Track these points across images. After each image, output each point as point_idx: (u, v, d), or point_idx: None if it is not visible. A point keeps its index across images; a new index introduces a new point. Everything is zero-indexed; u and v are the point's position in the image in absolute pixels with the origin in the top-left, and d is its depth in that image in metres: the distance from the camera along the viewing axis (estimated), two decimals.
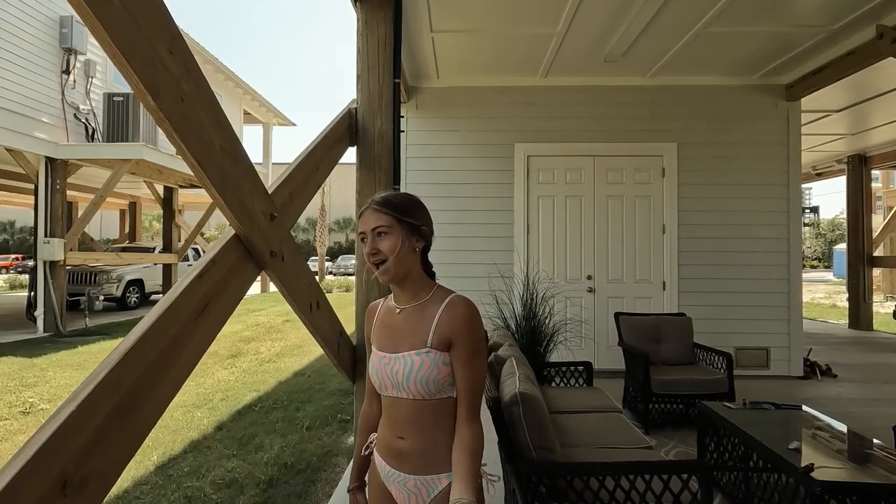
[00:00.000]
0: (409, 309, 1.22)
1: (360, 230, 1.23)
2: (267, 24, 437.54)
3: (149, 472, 3.06)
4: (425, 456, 1.18)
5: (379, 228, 1.18)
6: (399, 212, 1.19)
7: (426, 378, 1.14)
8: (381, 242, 1.17)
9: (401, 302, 1.24)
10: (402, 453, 1.19)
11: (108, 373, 1.10)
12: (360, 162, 3.01)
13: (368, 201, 1.23)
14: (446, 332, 1.15)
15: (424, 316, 1.19)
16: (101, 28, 1.06)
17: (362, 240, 1.21)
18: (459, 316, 1.16)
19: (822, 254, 32.01)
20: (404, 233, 1.18)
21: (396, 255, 1.17)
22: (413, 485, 1.18)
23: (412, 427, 1.18)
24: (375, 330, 1.30)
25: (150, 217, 25.51)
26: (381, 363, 1.21)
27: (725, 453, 2.60)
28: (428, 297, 1.22)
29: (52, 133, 8.11)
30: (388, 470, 1.22)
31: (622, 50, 4.27)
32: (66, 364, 5.90)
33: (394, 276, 1.19)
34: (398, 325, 1.22)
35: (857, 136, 7.21)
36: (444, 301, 1.19)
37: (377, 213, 1.19)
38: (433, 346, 1.15)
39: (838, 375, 5.03)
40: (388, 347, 1.22)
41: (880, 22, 3.69)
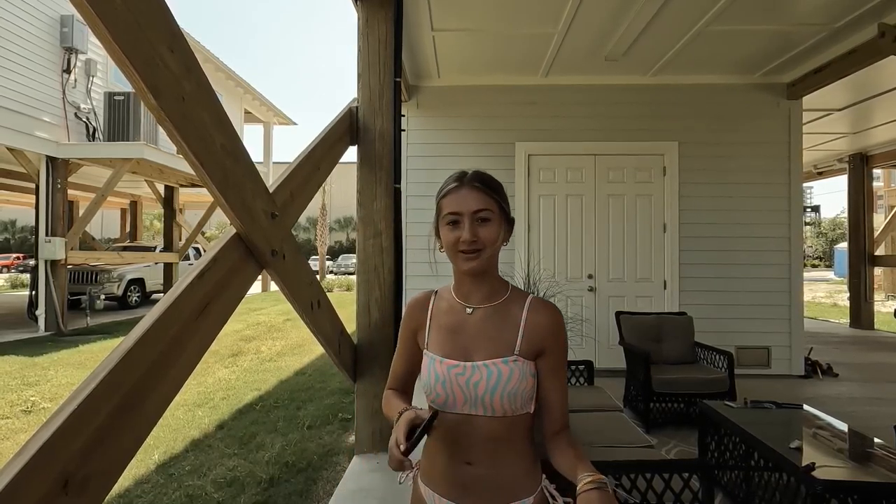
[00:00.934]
0: (486, 309, 1.04)
1: (451, 210, 1.01)
2: (268, 23, 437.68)
3: (150, 470, 3.06)
4: (500, 483, 0.99)
5: (482, 213, 1.00)
6: (500, 195, 1.04)
7: (514, 391, 0.97)
8: (483, 229, 1.00)
9: (472, 300, 1.05)
10: (470, 482, 0.99)
11: (109, 372, 1.11)
12: (360, 161, 3.01)
13: (461, 177, 1.04)
14: (537, 338, 1.01)
15: (507, 318, 1.03)
16: (102, 27, 1.06)
17: (452, 223, 1.01)
18: (552, 321, 1.02)
19: (823, 253, 31.98)
20: (503, 220, 1.04)
21: (494, 245, 1.01)
22: None
23: (485, 450, 0.99)
24: (433, 332, 1.07)
25: (151, 216, 25.53)
26: (452, 373, 1.00)
27: (726, 452, 2.60)
28: (507, 297, 1.05)
29: (53, 132, 8.11)
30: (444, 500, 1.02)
31: (623, 49, 4.27)
32: (67, 363, 5.90)
33: (480, 269, 1.02)
34: (471, 326, 1.03)
35: (858, 134, 7.20)
36: (526, 302, 1.04)
37: (479, 194, 1.01)
38: (521, 353, 1.00)
39: (839, 375, 5.02)
40: (456, 354, 1.02)
41: (882, 20, 3.68)
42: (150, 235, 23.75)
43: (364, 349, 3.00)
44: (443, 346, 1.04)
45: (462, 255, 1.00)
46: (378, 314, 3.00)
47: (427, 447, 1.07)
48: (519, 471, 1.01)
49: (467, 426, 1.00)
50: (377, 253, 3.00)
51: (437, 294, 1.13)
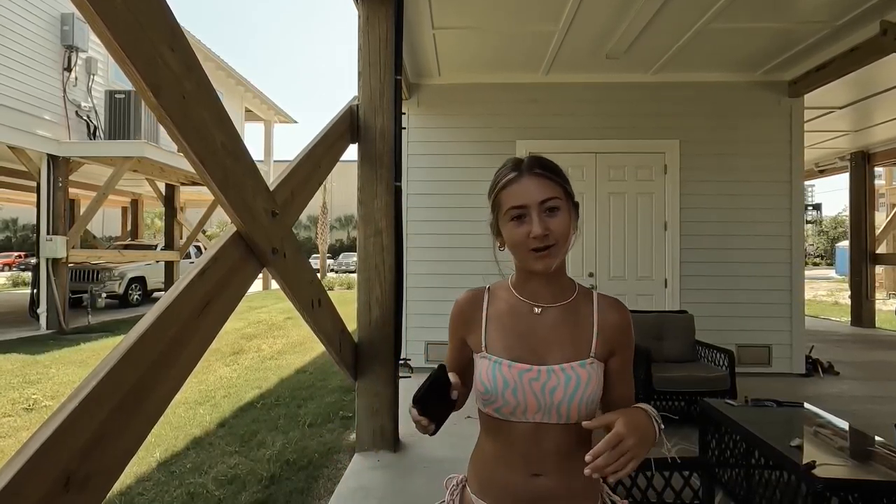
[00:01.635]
0: (557, 309, 0.96)
1: (514, 203, 0.90)
2: (268, 22, 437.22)
3: (151, 468, 3.07)
4: (570, 494, 0.92)
5: (550, 202, 0.89)
6: (564, 179, 0.93)
7: (593, 397, 0.90)
8: (554, 220, 0.89)
9: (541, 299, 0.96)
10: (540, 496, 0.91)
11: (110, 370, 1.11)
12: (361, 159, 3.01)
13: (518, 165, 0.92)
14: (611, 338, 0.94)
15: (580, 318, 0.95)
16: (102, 26, 1.06)
17: (516, 217, 0.90)
18: (624, 320, 0.96)
19: (824, 251, 31.94)
20: (573, 210, 0.94)
21: (566, 237, 0.91)
22: None
23: (555, 460, 0.91)
24: (492, 332, 0.98)
25: (151, 215, 25.54)
26: (525, 378, 0.90)
27: (727, 450, 2.60)
28: (576, 294, 0.98)
29: (53, 131, 8.12)
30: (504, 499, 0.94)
31: (624, 47, 4.26)
32: (68, 361, 5.92)
33: (552, 265, 0.91)
34: (541, 328, 0.95)
35: (860, 132, 7.18)
36: (594, 300, 0.98)
37: (543, 181, 0.90)
38: (596, 355, 0.93)
39: (840, 373, 5.02)
40: (527, 357, 0.92)
41: (884, 18, 3.66)
42: (152, 234, 23.77)
43: (365, 347, 3.00)
44: (510, 348, 0.95)
45: (534, 254, 0.90)
46: (379, 312, 3.00)
47: (484, 457, 0.99)
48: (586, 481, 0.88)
49: (537, 435, 0.92)
50: (378, 251, 3.00)
51: (490, 292, 1.03)
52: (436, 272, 4.97)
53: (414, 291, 4.90)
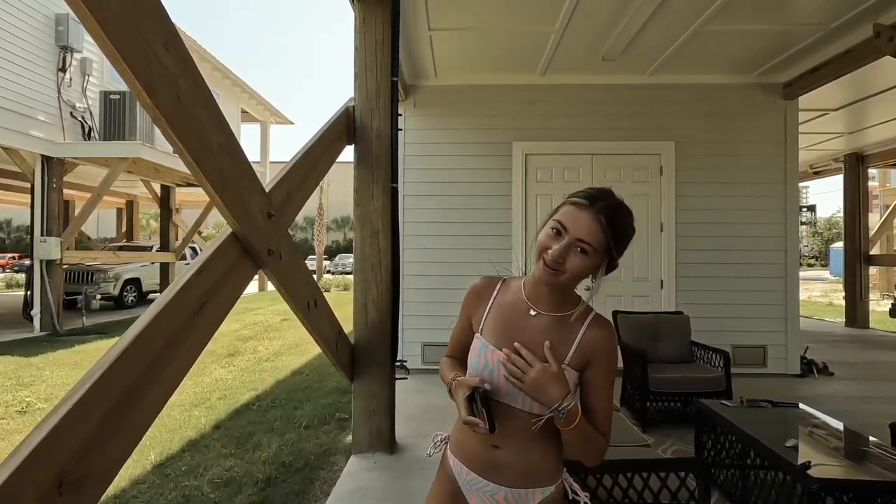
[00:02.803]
0: (550, 318, 1.08)
1: (561, 222, 1.01)
2: (265, 22, 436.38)
3: (146, 471, 3.05)
4: (524, 469, 1.08)
5: (583, 244, 0.99)
6: (617, 239, 1.02)
7: None
8: (575, 259, 1.00)
9: (540, 305, 1.09)
10: (496, 464, 1.08)
11: (104, 372, 1.10)
12: (358, 160, 3.01)
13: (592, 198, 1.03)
14: (588, 352, 1.05)
15: (567, 330, 1.07)
16: (96, 25, 1.05)
17: (555, 231, 1.01)
18: (605, 339, 1.07)
19: (819, 252, 32.10)
20: (604, 261, 1.04)
21: (578, 276, 1.03)
22: (504, 497, 1.08)
23: (515, 439, 1.07)
24: (491, 319, 1.11)
25: (147, 216, 25.46)
26: (501, 365, 1.04)
27: (723, 451, 2.60)
28: (574, 312, 1.08)
29: (48, 131, 8.07)
30: (473, 478, 1.11)
31: (620, 48, 4.27)
32: (63, 363, 5.88)
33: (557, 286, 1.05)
34: (530, 328, 1.08)
35: (854, 134, 7.23)
36: (588, 318, 1.09)
37: (596, 227, 0.99)
38: (570, 363, 1.05)
39: (835, 373, 5.04)
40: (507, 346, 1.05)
41: (878, 20, 3.69)
42: (147, 235, 23.68)
43: (361, 348, 3.00)
44: (498, 336, 1.09)
45: (544, 266, 1.02)
46: (375, 313, 3.00)
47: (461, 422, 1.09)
48: (542, 463, 1.08)
49: (503, 414, 1.05)
50: (374, 252, 3.00)
51: (503, 284, 1.16)
52: (432, 273, 4.97)
53: (410, 293, 4.89)
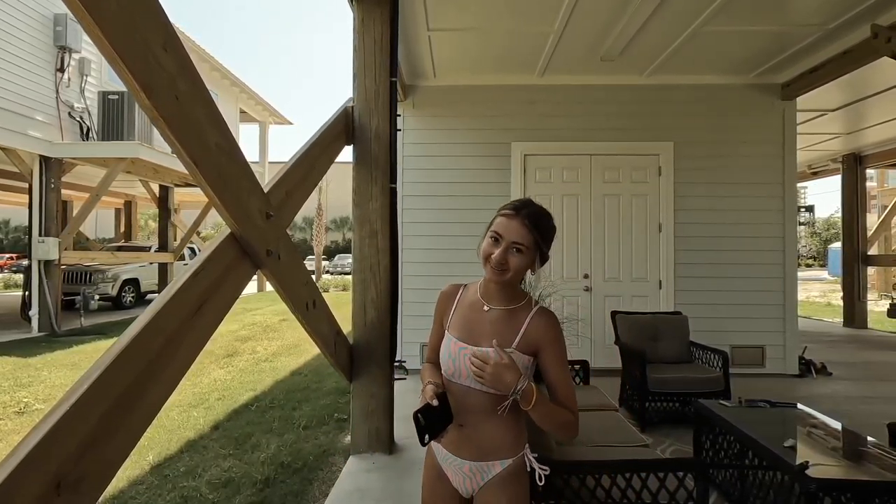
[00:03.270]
0: (500, 311, 1.27)
1: (497, 231, 1.22)
2: (264, 23, 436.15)
3: (144, 471, 3.04)
4: (483, 444, 1.25)
5: (518, 245, 1.20)
6: (542, 236, 1.23)
7: None
8: (514, 258, 1.21)
9: (492, 301, 1.29)
10: (461, 440, 1.26)
11: (102, 372, 1.10)
12: (356, 160, 3.01)
13: (517, 208, 1.23)
14: (534, 339, 1.23)
15: (514, 320, 1.26)
16: (94, 26, 1.05)
17: (494, 239, 1.23)
18: (548, 325, 1.24)
19: (817, 252, 32.13)
20: (536, 255, 1.24)
21: (519, 272, 1.23)
22: (469, 469, 1.27)
23: (475, 417, 1.25)
24: (455, 317, 1.33)
25: (146, 216, 25.41)
26: (461, 353, 1.25)
27: (721, 451, 2.61)
28: (520, 305, 1.28)
29: (46, 131, 8.06)
30: (446, 454, 1.30)
31: (619, 49, 4.28)
32: (61, 364, 5.87)
33: (504, 282, 1.25)
34: (484, 321, 1.28)
35: (852, 135, 7.24)
36: (533, 310, 1.27)
37: (525, 230, 1.20)
38: (518, 348, 1.23)
39: (833, 373, 5.05)
40: (468, 339, 1.27)
41: (875, 21, 3.70)
42: (146, 235, 23.64)
43: (360, 349, 3.00)
44: (460, 330, 1.30)
45: (490, 268, 1.23)
46: (374, 314, 3.00)
47: None
48: (502, 437, 1.26)
49: (466, 396, 1.26)
50: (373, 253, 3.00)
51: (465, 288, 1.38)
52: (431, 274, 4.97)
53: (409, 293, 4.89)
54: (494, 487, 1.25)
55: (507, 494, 1.24)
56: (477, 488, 1.27)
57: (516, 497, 1.25)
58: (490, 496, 1.25)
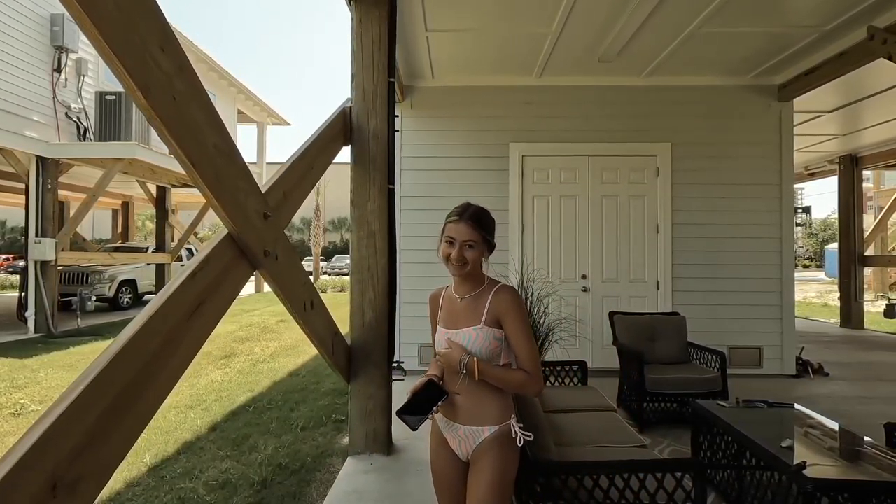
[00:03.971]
0: (469, 298, 1.55)
1: (449, 235, 1.51)
2: (262, 23, 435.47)
3: (141, 473, 3.03)
4: (472, 410, 1.50)
5: (469, 242, 1.49)
6: (486, 230, 1.52)
7: (481, 347, 1.48)
8: (469, 253, 1.49)
9: (461, 292, 1.57)
10: (456, 407, 1.52)
11: (99, 373, 1.09)
12: (354, 161, 3.01)
13: (461, 213, 1.51)
14: (496, 312, 1.49)
15: (479, 302, 1.52)
16: (91, 26, 1.05)
17: (448, 242, 1.51)
18: (508, 298, 1.50)
19: (814, 253, 32.23)
20: (485, 247, 1.52)
21: (475, 263, 1.51)
22: (463, 433, 1.51)
23: (467, 389, 1.50)
24: (442, 313, 1.62)
25: (143, 217, 25.33)
26: (446, 338, 1.54)
27: (719, 451, 2.61)
28: (482, 288, 1.55)
29: (43, 132, 8.03)
30: (445, 420, 1.56)
31: (617, 50, 4.28)
32: (57, 365, 5.84)
33: (465, 275, 1.53)
34: (460, 309, 1.56)
35: (848, 136, 7.27)
36: (494, 289, 1.52)
37: (471, 229, 1.49)
38: (486, 323, 1.49)
39: (830, 374, 5.06)
40: (450, 326, 1.56)
41: (872, 23, 3.71)
42: (143, 236, 23.57)
43: (358, 350, 2.99)
44: (445, 321, 1.59)
45: (451, 265, 1.52)
46: (372, 314, 2.99)
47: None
48: (490, 405, 1.50)
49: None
50: (371, 253, 2.99)
51: (446, 289, 1.66)
52: (429, 275, 4.96)
53: (407, 294, 4.88)
54: (484, 448, 1.47)
55: (494, 453, 1.45)
56: (470, 451, 1.50)
57: (502, 458, 1.46)
58: (481, 455, 1.47)
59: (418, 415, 1.48)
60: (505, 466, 1.46)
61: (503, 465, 1.45)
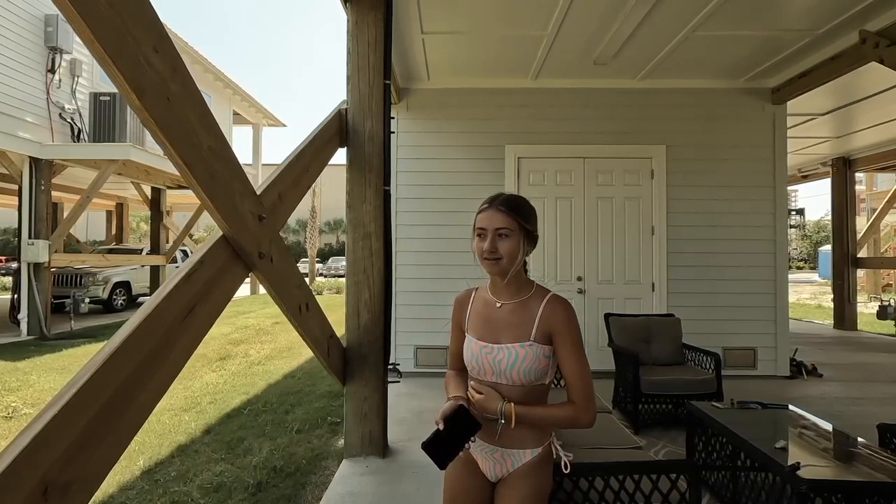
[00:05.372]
0: (512, 304, 1.33)
1: (479, 226, 1.30)
2: (258, 25, 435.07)
3: (135, 476, 3.01)
4: (514, 434, 1.31)
5: (502, 230, 1.27)
6: (522, 217, 1.29)
7: (529, 368, 1.28)
8: (502, 244, 1.27)
9: (502, 297, 1.35)
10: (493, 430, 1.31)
11: (92, 375, 1.09)
12: (350, 162, 3.00)
13: (491, 200, 1.31)
14: (548, 327, 1.28)
15: (527, 312, 1.31)
16: (85, 27, 1.04)
17: (479, 236, 1.30)
18: (563, 313, 1.29)
19: (807, 255, 32.44)
20: (523, 237, 1.29)
21: (512, 256, 1.28)
22: (500, 455, 1.34)
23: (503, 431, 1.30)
24: (472, 319, 1.40)
25: (137, 218, 25.21)
26: (483, 352, 1.32)
27: (714, 453, 2.62)
28: (530, 295, 1.33)
29: (36, 133, 7.98)
30: (477, 441, 1.35)
31: (612, 53, 4.31)
32: (50, 367, 5.80)
33: (502, 273, 1.30)
34: (500, 317, 1.34)
35: (841, 139, 7.33)
36: (545, 299, 1.31)
37: (502, 215, 1.27)
38: (536, 339, 1.28)
39: (824, 375, 5.09)
40: (488, 337, 1.33)
41: (864, 27, 3.75)
42: (138, 238, 23.45)
43: (354, 352, 2.98)
44: (478, 330, 1.36)
45: (485, 262, 1.30)
46: (368, 316, 2.99)
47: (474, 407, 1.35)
48: (529, 428, 1.31)
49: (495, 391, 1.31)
50: (367, 255, 2.99)
51: (476, 291, 1.45)
52: (425, 276, 4.96)
53: (403, 296, 4.88)
54: (525, 472, 1.32)
55: (533, 480, 1.31)
56: (506, 474, 1.34)
57: (539, 485, 1.32)
58: (520, 478, 1.32)
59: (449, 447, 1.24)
60: (545, 492, 1.34)
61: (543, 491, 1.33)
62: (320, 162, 2.67)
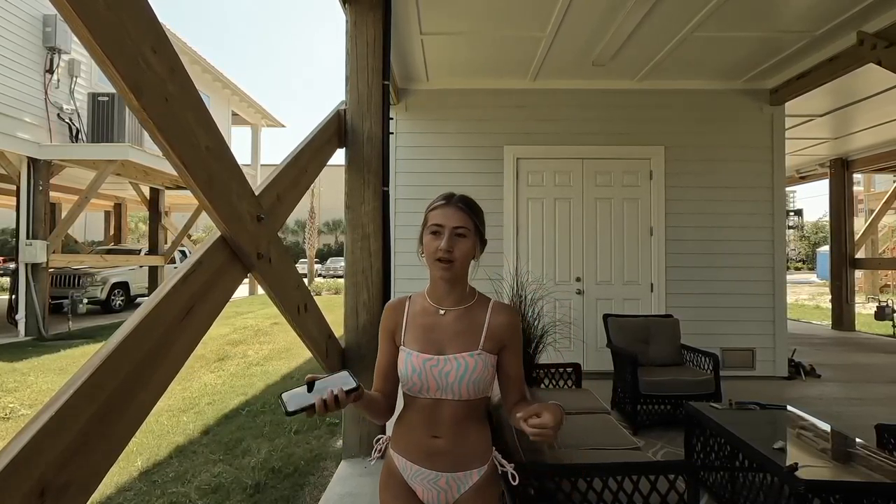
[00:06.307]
0: (456, 311, 1.25)
1: (435, 222, 1.21)
2: (256, 25, 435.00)
3: (133, 477, 3.01)
4: (460, 454, 1.21)
5: (460, 229, 1.20)
6: (479, 218, 1.24)
7: (479, 379, 1.19)
8: (458, 243, 1.20)
9: (445, 303, 1.26)
10: (436, 452, 1.21)
11: (89, 376, 1.08)
12: (349, 163, 3.00)
13: (448, 197, 1.24)
14: (499, 335, 1.23)
15: (473, 319, 1.24)
16: (83, 27, 1.04)
17: (434, 233, 1.21)
18: (511, 321, 1.25)
19: (806, 256, 32.49)
20: (477, 240, 1.23)
21: (466, 258, 1.21)
22: (444, 482, 1.21)
23: (450, 427, 1.21)
24: (409, 330, 1.27)
25: (136, 219, 25.17)
26: (427, 365, 1.20)
27: (712, 453, 2.62)
28: (473, 302, 1.27)
29: (34, 133, 7.97)
30: (416, 470, 1.23)
31: (610, 54, 4.31)
32: (48, 368, 5.78)
33: (453, 277, 1.22)
34: (443, 326, 1.24)
35: (839, 140, 7.34)
36: (489, 305, 1.26)
37: (462, 213, 1.21)
38: (484, 348, 1.21)
39: (822, 375, 5.10)
40: (431, 349, 1.22)
41: (862, 28, 3.76)
42: (136, 238, 23.42)
43: (352, 352, 2.98)
44: (419, 342, 1.23)
45: (438, 264, 1.20)
46: (366, 317, 2.98)
47: (401, 423, 1.29)
48: (475, 445, 1.23)
49: (438, 408, 1.21)
50: (365, 256, 2.99)
51: (410, 299, 1.33)
52: (423, 277, 4.92)
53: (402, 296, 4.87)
54: (471, 497, 1.22)
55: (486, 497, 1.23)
56: (452, 501, 1.23)
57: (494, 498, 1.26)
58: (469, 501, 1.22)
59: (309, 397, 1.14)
60: None
61: None
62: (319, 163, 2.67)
